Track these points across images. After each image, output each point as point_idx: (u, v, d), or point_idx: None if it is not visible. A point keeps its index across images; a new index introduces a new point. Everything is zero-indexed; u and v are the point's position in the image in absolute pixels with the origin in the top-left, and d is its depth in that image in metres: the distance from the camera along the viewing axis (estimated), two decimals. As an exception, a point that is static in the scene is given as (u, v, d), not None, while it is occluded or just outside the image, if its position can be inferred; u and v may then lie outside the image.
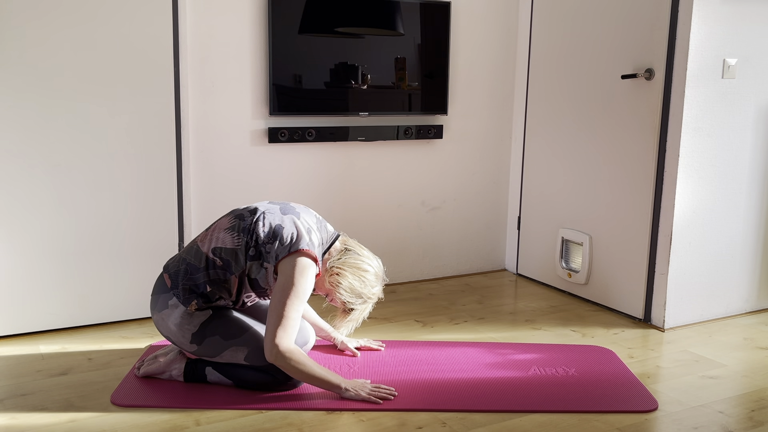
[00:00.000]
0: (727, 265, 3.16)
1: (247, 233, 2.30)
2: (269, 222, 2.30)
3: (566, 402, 2.29)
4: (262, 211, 2.34)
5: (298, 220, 2.32)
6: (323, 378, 2.23)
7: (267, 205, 2.38)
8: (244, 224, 2.32)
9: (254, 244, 2.28)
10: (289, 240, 2.26)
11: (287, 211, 2.35)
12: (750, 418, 2.22)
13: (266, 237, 2.28)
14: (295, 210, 2.37)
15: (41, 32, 2.69)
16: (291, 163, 3.35)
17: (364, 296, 2.35)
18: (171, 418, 2.15)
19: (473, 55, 3.70)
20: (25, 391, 2.32)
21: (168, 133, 2.96)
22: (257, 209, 2.36)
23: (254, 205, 2.39)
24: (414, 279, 3.77)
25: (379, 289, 2.40)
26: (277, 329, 2.19)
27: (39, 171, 2.76)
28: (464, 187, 3.81)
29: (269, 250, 2.27)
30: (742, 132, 3.07)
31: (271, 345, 2.19)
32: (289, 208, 2.37)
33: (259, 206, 2.37)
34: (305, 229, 2.30)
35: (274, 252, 2.26)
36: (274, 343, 2.18)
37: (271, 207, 2.37)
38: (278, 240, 2.26)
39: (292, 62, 3.20)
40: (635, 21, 3.07)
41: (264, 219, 2.31)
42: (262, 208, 2.36)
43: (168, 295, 2.32)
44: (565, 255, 3.56)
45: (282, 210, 2.35)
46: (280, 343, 2.19)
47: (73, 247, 2.86)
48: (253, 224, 2.31)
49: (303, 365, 2.19)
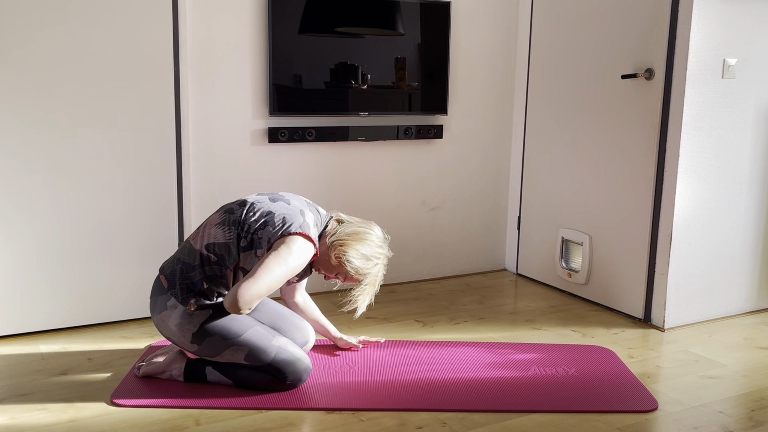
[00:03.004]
0: (727, 265, 3.16)
1: (238, 225, 2.30)
2: (259, 210, 2.31)
3: (566, 402, 2.29)
4: (251, 202, 2.35)
5: (289, 206, 2.32)
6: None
7: (256, 197, 2.39)
8: (234, 217, 2.32)
9: (245, 234, 2.28)
10: (281, 224, 2.26)
11: (277, 199, 2.36)
12: (750, 418, 2.22)
13: (257, 224, 2.28)
14: (285, 197, 2.38)
15: (41, 32, 2.69)
16: (291, 163, 3.35)
17: (373, 258, 2.33)
18: (171, 418, 2.15)
19: (473, 55, 3.70)
20: (25, 391, 2.32)
21: (168, 133, 2.96)
22: (246, 201, 2.36)
23: (243, 198, 2.40)
24: (414, 279, 3.77)
25: (386, 248, 2.39)
26: (245, 281, 2.13)
27: (38, 171, 2.76)
28: (464, 187, 3.81)
29: (261, 236, 2.26)
30: (741, 132, 3.07)
31: (233, 294, 2.12)
32: (278, 196, 2.38)
33: (248, 198, 2.38)
34: (297, 213, 2.30)
35: (266, 237, 2.25)
36: (236, 291, 2.12)
37: (259, 198, 2.38)
38: (269, 224, 2.26)
39: (292, 62, 3.20)
40: (635, 21, 3.07)
41: (254, 209, 2.31)
42: (251, 200, 2.36)
43: (166, 296, 2.32)
44: (565, 255, 3.56)
45: (271, 198, 2.36)
46: (242, 293, 2.11)
47: (73, 247, 2.86)
48: (243, 216, 2.31)
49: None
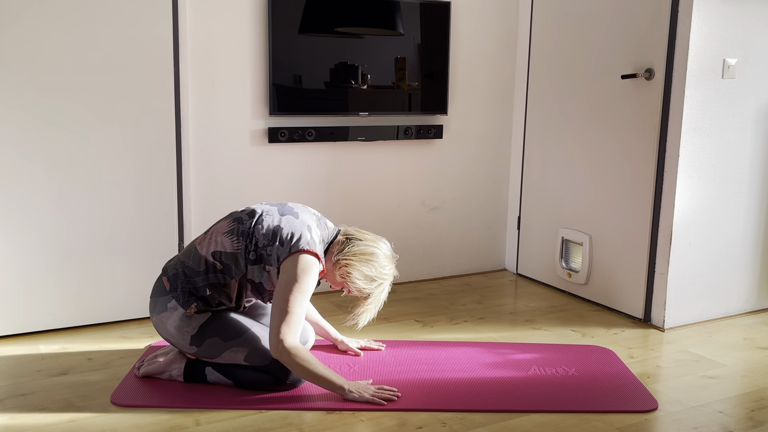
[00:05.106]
0: (727, 265, 3.16)
1: (246, 237, 2.29)
2: (267, 224, 2.30)
3: (566, 402, 2.29)
4: (260, 213, 2.34)
5: (297, 220, 2.31)
6: (327, 378, 2.21)
7: (265, 207, 2.37)
8: (243, 227, 2.31)
9: (254, 248, 2.28)
10: (289, 240, 2.26)
11: (285, 212, 2.34)
12: (750, 418, 2.22)
13: (265, 239, 2.27)
14: (294, 210, 2.36)
15: (41, 32, 2.69)
16: (291, 163, 3.35)
17: (377, 279, 2.33)
18: (171, 418, 2.15)
19: (473, 55, 3.70)
20: (25, 391, 2.32)
21: (168, 133, 2.96)
22: (255, 212, 2.35)
23: (252, 207, 2.38)
24: (414, 279, 3.76)
25: (392, 268, 2.37)
26: (281, 325, 2.18)
27: (39, 171, 2.76)
28: (464, 187, 3.81)
29: (270, 252, 2.27)
30: (741, 132, 3.07)
31: (276, 341, 2.18)
32: (287, 208, 2.37)
33: (256, 208, 2.37)
34: (305, 228, 2.29)
35: (275, 254, 2.26)
36: (279, 338, 2.17)
37: (269, 208, 2.36)
38: (278, 241, 2.26)
39: (292, 62, 3.20)
40: (635, 21, 3.07)
41: (263, 222, 2.30)
42: (260, 210, 2.35)
43: (167, 298, 2.32)
44: (565, 255, 3.56)
45: (280, 211, 2.35)
46: (285, 338, 2.18)
47: (72, 247, 2.86)
48: (252, 228, 2.30)
49: (308, 363, 2.18)
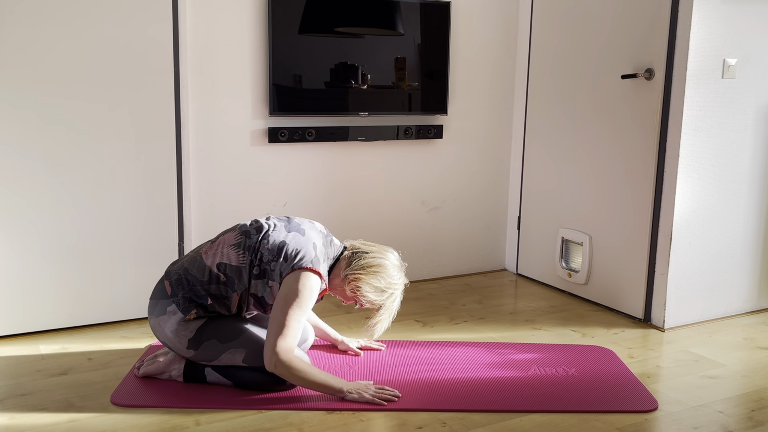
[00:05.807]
0: (727, 265, 3.16)
1: (252, 252, 2.30)
2: (274, 240, 2.30)
3: (566, 402, 2.29)
4: (266, 228, 2.34)
5: (303, 237, 2.32)
6: (325, 383, 2.22)
7: (273, 221, 2.38)
8: (249, 242, 2.32)
9: (258, 263, 2.29)
10: (293, 257, 2.26)
11: (292, 228, 2.35)
12: (750, 418, 2.22)
13: (270, 255, 2.28)
14: (300, 227, 2.37)
15: (42, 32, 2.69)
16: (291, 163, 3.35)
17: (387, 290, 2.33)
18: (171, 418, 2.15)
19: (473, 55, 3.70)
20: (25, 391, 2.32)
21: (168, 133, 2.96)
22: (262, 227, 2.35)
23: (260, 222, 2.39)
24: (414, 279, 3.76)
25: (401, 277, 2.37)
26: (277, 338, 2.19)
27: (39, 171, 2.76)
28: (464, 187, 3.81)
29: (273, 267, 2.28)
30: (741, 132, 3.07)
31: (270, 354, 2.18)
32: (293, 225, 2.37)
33: (264, 223, 2.37)
34: (310, 245, 2.30)
35: (278, 269, 2.27)
36: (274, 351, 2.18)
37: (276, 223, 2.37)
38: (282, 257, 2.27)
39: (292, 62, 3.20)
40: (635, 21, 3.07)
41: (269, 237, 2.31)
42: (268, 226, 2.36)
43: (167, 302, 2.32)
44: (565, 255, 3.56)
45: (287, 227, 2.35)
46: (280, 351, 2.18)
47: (73, 247, 2.86)
48: (258, 243, 2.31)
49: (304, 373, 2.19)
